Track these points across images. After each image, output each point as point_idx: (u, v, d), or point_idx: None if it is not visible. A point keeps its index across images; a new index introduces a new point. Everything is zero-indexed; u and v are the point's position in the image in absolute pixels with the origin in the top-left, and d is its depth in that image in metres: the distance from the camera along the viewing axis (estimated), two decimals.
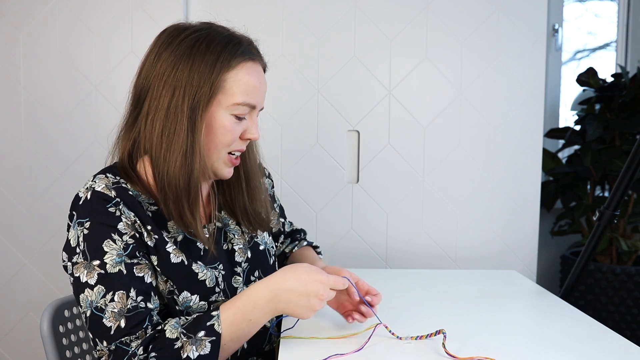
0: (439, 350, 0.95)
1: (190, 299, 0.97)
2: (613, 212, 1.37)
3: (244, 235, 1.10)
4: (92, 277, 0.90)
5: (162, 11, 1.76)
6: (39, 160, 1.78)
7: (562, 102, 2.59)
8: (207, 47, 0.96)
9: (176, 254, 0.97)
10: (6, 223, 1.80)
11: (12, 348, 1.82)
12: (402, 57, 1.80)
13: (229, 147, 1.00)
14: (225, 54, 0.96)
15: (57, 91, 1.77)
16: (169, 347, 0.88)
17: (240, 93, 0.97)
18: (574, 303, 2.20)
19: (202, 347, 0.88)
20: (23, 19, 1.76)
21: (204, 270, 0.99)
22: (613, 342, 1.02)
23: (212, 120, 0.97)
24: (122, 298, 0.89)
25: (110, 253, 0.91)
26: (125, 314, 0.89)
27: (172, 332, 0.89)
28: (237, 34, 1.01)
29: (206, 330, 0.89)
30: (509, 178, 1.83)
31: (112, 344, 0.88)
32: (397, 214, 1.82)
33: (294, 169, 1.79)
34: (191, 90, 0.94)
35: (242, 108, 0.98)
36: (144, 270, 0.93)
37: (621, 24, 2.62)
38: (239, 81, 0.97)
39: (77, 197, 0.95)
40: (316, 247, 1.32)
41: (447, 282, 1.49)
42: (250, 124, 1.02)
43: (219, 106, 0.97)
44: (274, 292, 0.93)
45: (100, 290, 0.90)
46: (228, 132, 0.98)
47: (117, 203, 0.93)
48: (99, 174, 0.97)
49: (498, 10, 1.80)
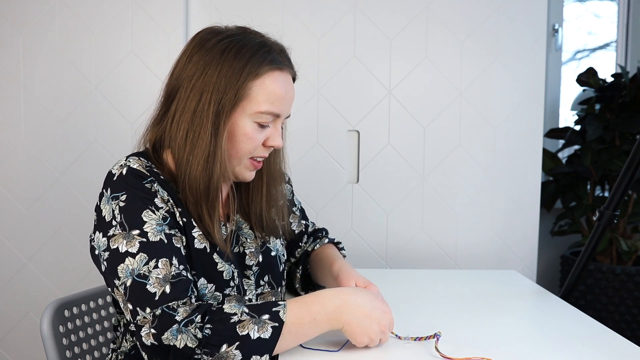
0: (436, 351, 0.95)
1: (207, 287, 0.98)
2: (613, 212, 1.36)
3: (257, 240, 1.10)
4: (133, 246, 0.89)
5: (162, 11, 1.76)
6: (39, 160, 1.78)
7: (562, 102, 2.60)
8: (236, 53, 0.96)
9: (200, 240, 0.98)
10: (6, 223, 1.80)
11: (12, 348, 1.82)
12: (402, 57, 1.80)
13: (250, 153, 1.01)
14: (254, 61, 0.97)
15: (57, 91, 1.77)
16: (226, 320, 0.86)
17: (264, 101, 0.97)
18: (574, 303, 2.20)
19: (263, 329, 0.87)
20: (23, 19, 1.76)
21: (222, 262, 1.00)
22: (613, 342, 1.02)
23: (234, 126, 0.97)
24: (165, 265, 0.89)
25: (149, 223, 0.91)
26: (170, 280, 0.88)
27: (232, 308, 0.88)
28: (269, 42, 1.02)
29: (271, 314, 0.88)
30: (508, 178, 1.83)
31: (158, 309, 0.86)
32: (397, 214, 1.82)
33: (294, 169, 1.79)
34: (217, 96, 0.95)
35: (266, 116, 0.99)
36: (179, 242, 0.94)
37: (621, 24, 2.62)
38: (265, 89, 0.97)
39: (111, 174, 0.95)
40: (338, 243, 1.32)
41: (447, 282, 1.49)
42: (274, 132, 1.02)
43: (243, 113, 0.97)
44: (344, 302, 0.93)
45: (142, 258, 0.89)
46: (249, 140, 0.99)
47: (152, 181, 0.95)
48: (132, 155, 0.98)
49: (498, 11, 1.80)
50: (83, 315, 1.21)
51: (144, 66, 1.77)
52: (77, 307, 1.19)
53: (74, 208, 1.78)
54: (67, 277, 1.80)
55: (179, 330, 0.84)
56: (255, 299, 1.08)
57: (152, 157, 1.00)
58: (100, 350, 1.24)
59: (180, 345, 0.84)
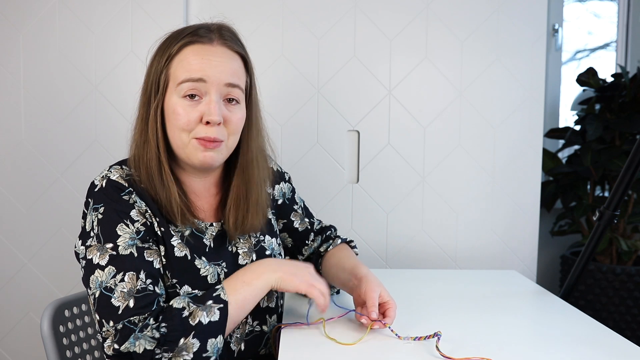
0: (436, 350, 0.95)
1: (192, 294, 0.98)
2: (613, 212, 1.37)
3: (250, 239, 1.10)
4: (103, 259, 0.92)
5: (162, 11, 1.76)
6: (39, 160, 1.78)
7: (562, 102, 2.59)
8: (163, 43, 1.03)
9: (180, 248, 0.99)
10: (6, 223, 1.80)
11: (12, 348, 1.82)
12: (402, 57, 1.80)
13: (188, 132, 0.99)
14: (173, 44, 1.01)
15: (57, 91, 1.77)
16: (178, 316, 0.90)
17: (182, 72, 0.99)
18: (574, 303, 2.20)
19: (211, 313, 0.92)
20: (23, 19, 1.76)
21: (206, 266, 1.01)
22: (613, 342, 1.02)
23: (166, 107, 1.01)
24: (132, 279, 0.91)
25: (123, 237, 0.94)
26: (134, 294, 0.90)
27: (179, 303, 0.92)
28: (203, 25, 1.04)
29: (213, 299, 0.93)
30: (509, 178, 1.83)
31: (120, 323, 0.89)
32: (397, 214, 1.82)
33: (294, 169, 1.79)
34: (147, 86, 1.02)
35: (187, 85, 0.98)
36: (153, 255, 0.96)
37: (621, 24, 2.62)
38: (181, 62, 1.00)
39: (93, 185, 0.98)
40: (350, 242, 1.32)
41: (447, 282, 1.49)
42: (206, 106, 0.98)
43: (171, 93, 1.00)
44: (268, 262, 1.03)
45: (110, 271, 0.91)
46: (178, 115, 0.99)
47: (130, 192, 0.97)
48: (115, 165, 1.02)
49: (498, 11, 1.80)
50: (83, 315, 1.21)
51: (144, 66, 1.76)
52: (77, 307, 1.19)
53: (74, 208, 1.78)
54: (67, 277, 1.79)
55: (136, 337, 0.88)
56: None
57: (136, 162, 1.01)
58: (100, 350, 1.24)
59: (140, 350, 0.88)
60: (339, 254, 1.24)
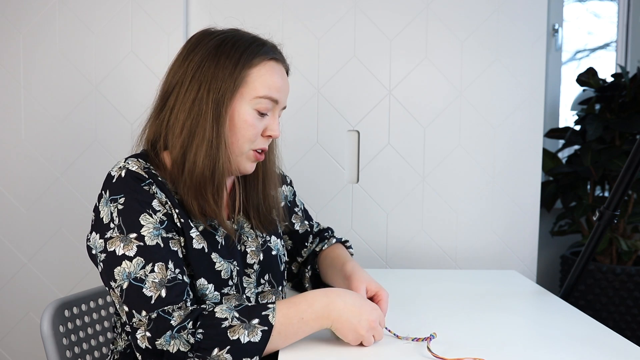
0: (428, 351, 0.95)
1: (207, 287, 0.99)
2: (613, 212, 1.36)
3: (257, 239, 1.11)
4: (130, 250, 0.91)
5: (162, 11, 1.76)
6: (39, 160, 1.78)
7: (562, 102, 2.59)
8: (232, 46, 0.99)
9: (198, 240, 0.99)
10: (6, 223, 1.80)
11: (12, 348, 1.82)
12: (402, 57, 1.80)
13: (251, 142, 1.01)
14: (249, 52, 1.00)
15: (57, 91, 1.77)
16: (217, 326, 0.88)
17: (262, 87, 1.00)
18: (574, 303, 2.20)
19: (253, 334, 0.88)
20: (23, 19, 1.76)
21: (221, 261, 1.01)
22: (613, 342, 1.02)
23: (234, 113, 0.99)
24: (161, 269, 0.91)
25: (147, 227, 0.92)
26: (165, 284, 0.90)
27: (223, 313, 0.90)
28: (262, 38, 1.05)
29: (260, 318, 0.90)
30: (509, 178, 1.83)
31: (154, 312, 0.88)
32: (397, 214, 1.82)
33: (294, 169, 1.79)
34: (216, 85, 0.97)
35: (265, 102, 1.00)
36: (177, 245, 0.96)
37: (621, 24, 2.62)
38: (261, 76, 1.00)
39: (110, 176, 0.96)
40: (345, 242, 1.33)
41: (447, 282, 1.49)
42: (272, 122, 1.03)
43: (242, 99, 0.99)
44: (331, 300, 0.94)
45: (139, 262, 0.90)
46: (250, 127, 0.99)
47: (151, 183, 0.96)
48: (131, 157, 0.99)
49: (498, 11, 1.80)
50: (83, 315, 1.21)
51: (144, 66, 1.77)
52: (77, 307, 1.19)
53: (74, 208, 1.78)
54: (67, 277, 1.79)
55: (172, 336, 0.87)
56: (255, 297, 1.08)
57: (151, 157, 1.01)
58: (100, 350, 1.24)
59: (174, 350, 0.87)
60: (332, 254, 1.25)
